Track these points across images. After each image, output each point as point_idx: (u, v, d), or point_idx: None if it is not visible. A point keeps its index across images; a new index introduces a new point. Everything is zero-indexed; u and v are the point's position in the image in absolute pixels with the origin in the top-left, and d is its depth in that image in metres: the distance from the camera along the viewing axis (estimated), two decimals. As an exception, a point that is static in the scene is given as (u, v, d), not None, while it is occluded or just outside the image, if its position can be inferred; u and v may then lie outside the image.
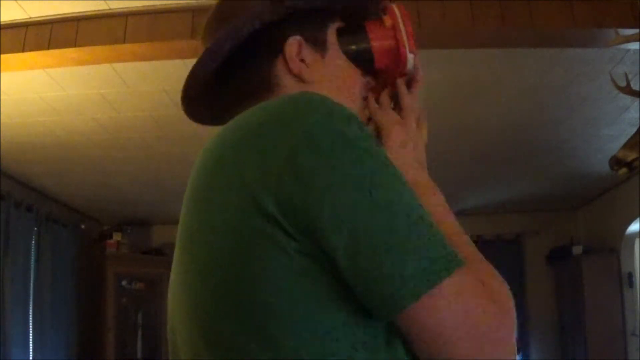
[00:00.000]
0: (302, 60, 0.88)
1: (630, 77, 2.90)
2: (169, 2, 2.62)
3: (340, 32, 0.92)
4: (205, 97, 0.94)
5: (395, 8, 0.93)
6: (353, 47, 0.92)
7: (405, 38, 0.92)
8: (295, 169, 0.67)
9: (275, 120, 0.72)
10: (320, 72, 0.89)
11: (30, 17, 2.69)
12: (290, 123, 0.70)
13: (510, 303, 0.72)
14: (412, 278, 0.66)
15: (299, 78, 0.87)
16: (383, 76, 0.95)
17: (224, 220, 0.71)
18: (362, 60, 0.92)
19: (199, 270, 0.73)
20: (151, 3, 2.63)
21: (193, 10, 2.65)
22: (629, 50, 2.95)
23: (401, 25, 0.92)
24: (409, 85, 0.96)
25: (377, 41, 0.92)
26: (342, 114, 0.72)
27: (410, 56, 0.93)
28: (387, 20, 0.93)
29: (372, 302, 0.68)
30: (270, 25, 0.87)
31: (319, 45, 0.90)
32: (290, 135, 0.69)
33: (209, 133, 0.85)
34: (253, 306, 0.68)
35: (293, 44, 0.88)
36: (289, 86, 0.87)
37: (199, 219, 0.75)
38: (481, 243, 6.27)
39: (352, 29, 0.93)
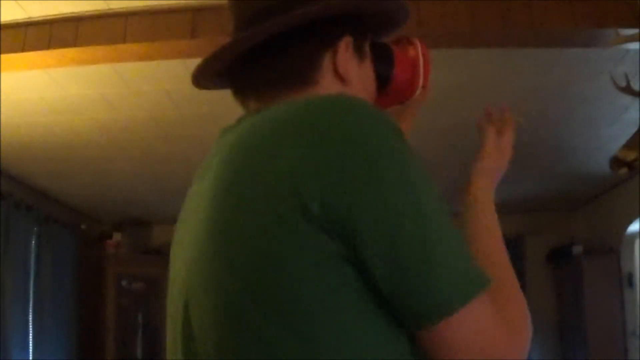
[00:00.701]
0: (349, 61, 0.88)
1: (630, 77, 2.90)
2: (169, 2, 2.62)
3: (370, 47, 0.94)
4: (228, 68, 0.90)
5: (419, 43, 0.98)
6: (378, 65, 0.94)
7: (422, 76, 0.98)
8: (343, 176, 0.68)
9: (327, 121, 0.71)
10: (355, 77, 0.89)
11: (30, 17, 2.69)
12: (341, 127, 0.70)
13: (525, 333, 0.76)
14: (440, 297, 0.69)
15: (341, 77, 0.87)
16: (383, 98, 0.99)
17: (263, 215, 0.70)
18: (383, 80, 0.96)
19: (232, 266, 0.71)
20: (151, 3, 2.63)
21: (193, 10, 2.65)
22: (629, 50, 2.95)
23: (421, 62, 0.98)
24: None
25: (400, 68, 0.96)
26: (391, 126, 0.73)
27: (418, 92, 0.99)
28: (411, 51, 0.97)
29: (401, 313, 0.70)
30: (329, 18, 0.86)
31: (360, 51, 0.90)
32: (342, 141, 0.69)
33: (209, 133, 0.85)
34: (289, 305, 0.68)
35: (347, 43, 0.87)
36: (327, 82, 0.86)
37: (231, 212, 0.73)
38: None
39: (381, 48, 0.95)
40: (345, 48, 0.87)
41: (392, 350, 0.71)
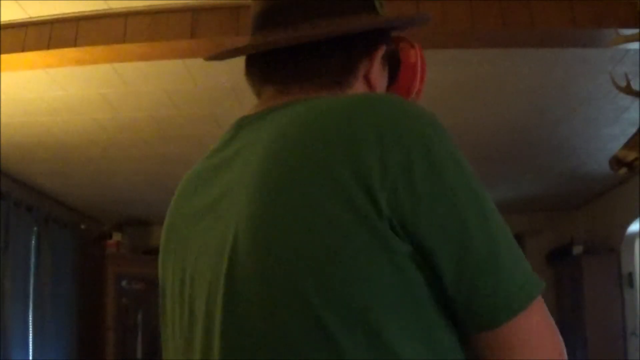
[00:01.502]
0: (379, 69, 0.90)
1: (630, 77, 2.90)
2: (169, 2, 2.62)
3: (387, 55, 0.95)
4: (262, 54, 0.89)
5: (418, 49, 0.99)
6: (391, 72, 0.96)
7: (418, 81, 0.99)
8: (410, 179, 0.69)
9: (395, 120, 0.72)
10: (380, 84, 0.91)
11: (30, 17, 2.69)
12: (409, 128, 0.72)
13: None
14: (510, 296, 0.70)
15: (371, 84, 0.89)
16: None
17: (333, 208, 0.68)
18: (390, 83, 0.98)
19: (297, 259, 0.69)
20: (151, 3, 2.63)
21: (193, 10, 2.65)
22: (629, 50, 2.95)
23: (419, 68, 0.99)
24: None
25: (403, 73, 0.98)
26: (444, 128, 0.75)
27: (412, 96, 1.00)
28: (412, 56, 0.98)
29: (466, 315, 0.71)
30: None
31: (385, 58, 0.92)
32: (412, 141, 0.70)
33: (209, 133, 0.84)
34: (355, 298, 0.68)
35: (381, 52, 0.90)
36: (358, 86, 0.88)
37: (293, 204, 0.70)
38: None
39: (390, 53, 0.96)
40: (379, 57, 0.89)
41: (450, 354, 0.72)
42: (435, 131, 0.73)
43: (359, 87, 0.88)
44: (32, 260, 5.05)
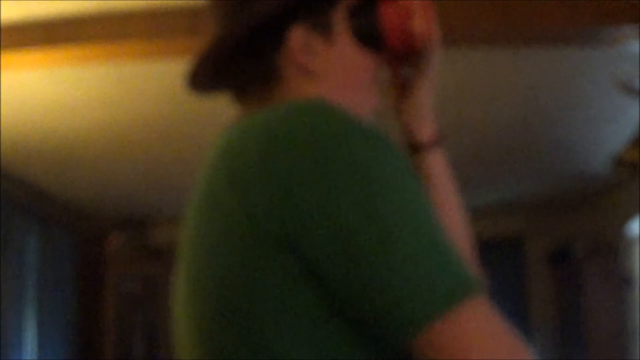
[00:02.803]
0: (308, 49, 0.81)
1: (630, 77, 2.90)
2: (169, 2, 2.62)
3: (351, 10, 0.84)
4: (211, 76, 0.90)
5: None
6: (363, 27, 0.85)
7: (422, 22, 0.90)
8: (292, 197, 0.66)
9: (284, 137, 0.68)
10: (327, 61, 0.82)
11: (30, 16, 2.68)
12: (293, 146, 0.67)
13: (523, 343, 0.70)
14: (423, 305, 0.63)
15: (304, 67, 0.81)
16: (385, 56, 0.91)
17: (230, 239, 0.69)
18: (374, 40, 0.86)
19: (204, 289, 0.72)
20: (151, 3, 2.63)
21: (193, 10, 2.65)
22: (629, 50, 2.95)
23: (418, 6, 0.89)
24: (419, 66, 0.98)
25: (389, 21, 0.86)
26: (358, 133, 0.68)
27: (423, 41, 0.92)
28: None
29: (383, 328, 0.66)
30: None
31: (326, 30, 0.82)
32: (292, 160, 0.66)
33: (209, 133, 0.84)
34: (256, 327, 0.68)
35: (298, 33, 0.80)
36: (292, 77, 0.81)
37: (204, 234, 0.73)
38: (480, 244, 6.26)
39: (363, 7, 0.85)
40: (296, 39, 0.80)
41: None
42: (331, 139, 0.67)
43: (293, 77, 0.81)
44: (32, 260, 5.05)
